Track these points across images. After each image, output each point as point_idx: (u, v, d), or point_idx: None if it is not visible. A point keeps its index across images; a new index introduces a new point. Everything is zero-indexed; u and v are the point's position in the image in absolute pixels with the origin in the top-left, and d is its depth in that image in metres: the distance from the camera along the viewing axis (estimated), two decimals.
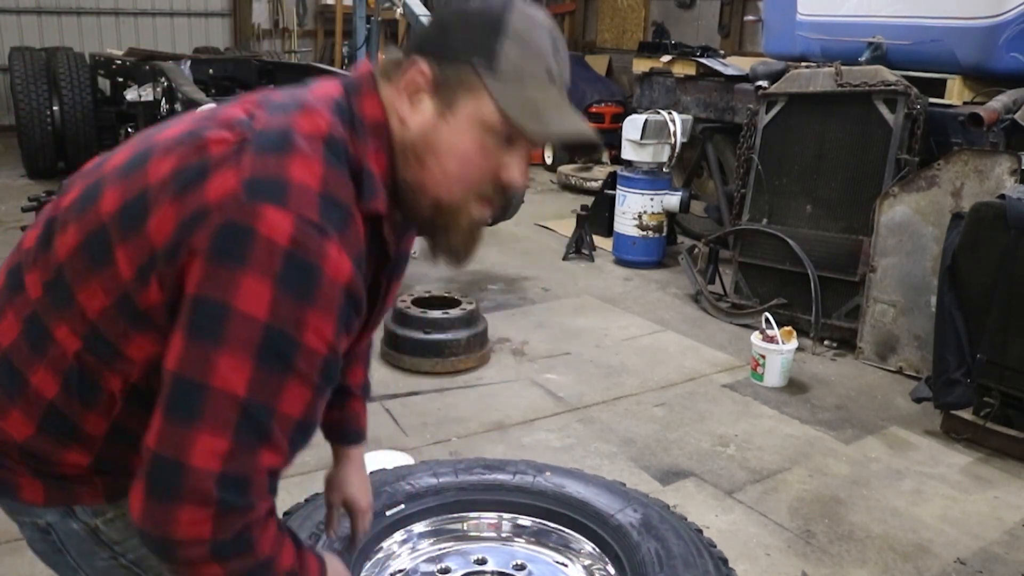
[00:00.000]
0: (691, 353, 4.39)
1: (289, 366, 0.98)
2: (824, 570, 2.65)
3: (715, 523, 2.85)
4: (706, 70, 6.04)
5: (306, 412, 1.02)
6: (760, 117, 4.89)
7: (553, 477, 2.17)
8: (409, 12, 6.15)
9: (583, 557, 2.04)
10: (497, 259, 5.96)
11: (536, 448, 3.30)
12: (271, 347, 0.97)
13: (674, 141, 5.69)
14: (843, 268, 4.48)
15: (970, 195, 3.84)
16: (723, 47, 8.64)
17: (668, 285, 5.52)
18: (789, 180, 4.79)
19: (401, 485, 2.10)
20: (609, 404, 3.75)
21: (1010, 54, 4.45)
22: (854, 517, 2.94)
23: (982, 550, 2.78)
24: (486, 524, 2.13)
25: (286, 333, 0.97)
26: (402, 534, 2.06)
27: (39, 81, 7.34)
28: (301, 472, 3.06)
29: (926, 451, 3.45)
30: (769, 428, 3.59)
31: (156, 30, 10.20)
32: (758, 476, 3.19)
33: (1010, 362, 3.33)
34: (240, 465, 0.98)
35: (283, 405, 0.99)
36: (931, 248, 4.02)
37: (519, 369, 4.09)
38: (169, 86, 5.03)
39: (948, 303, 3.50)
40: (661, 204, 5.76)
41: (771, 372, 3.98)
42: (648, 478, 3.12)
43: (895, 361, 4.21)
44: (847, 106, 4.53)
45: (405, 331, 3.99)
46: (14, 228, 5.85)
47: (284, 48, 10.49)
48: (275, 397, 0.99)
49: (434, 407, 3.65)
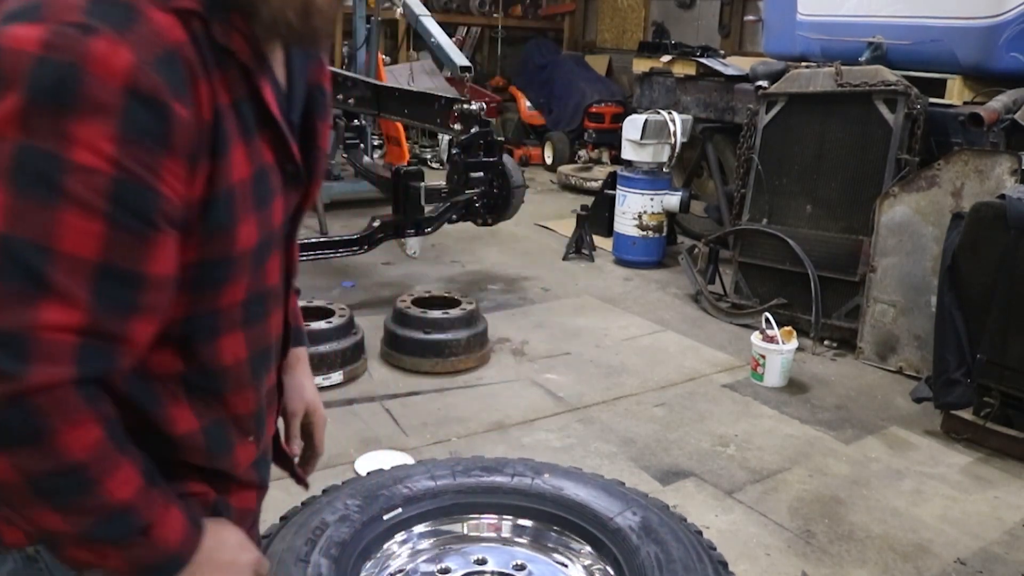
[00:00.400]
0: (691, 353, 4.39)
1: (56, 190, 0.80)
2: (824, 570, 2.65)
3: (715, 523, 2.85)
4: (706, 70, 6.03)
5: (106, 253, 0.82)
6: (760, 117, 4.89)
7: (552, 479, 2.16)
8: (409, 12, 6.16)
9: (583, 557, 2.04)
10: (497, 259, 5.96)
11: (536, 448, 3.30)
12: (27, 167, 0.80)
13: (674, 141, 5.69)
14: (843, 268, 4.48)
15: (970, 195, 3.84)
16: (723, 47, 8.64)
17: (668, 285, 5.52)
18: (789, 180, 4.78)
19: (399, 488, 2.10)
20: (609, 404, 3.75)
21: (1010, 54, 4.44)
22: (854, 517, 2.94)
23: (982, 550, 2.78)
24: (486, 525, 2.13)
25: (43, 148, 0.80)
26: (402, 535, 2.06)
27: None
28: None
29: (926, 451, 3.45)
30: (769, 428, 3.59)
31: None
32: (758, 476, 3.19)
33: (1010, 362, 3.32)
34: (6, 318, 0.80)
35: (62, 242, 0.81)
36: (931, 248, 4.02)
37: (519, 369, 4.09)
38: None
39: (948, 303, 3.50)
40: (661, 204, 5.76)
41: (771, 372, 3.98)
42: (648, 478, 3.12)
43: (895, 361, 4.21)
44: (847, 106, 4.53)
45: (405, 331, 3.99)
46: None
47: None
48: (46, 231, 0.80)
49: (434, 407, 3.65)
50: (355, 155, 6.68)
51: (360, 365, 3.90)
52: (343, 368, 3.78)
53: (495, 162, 4.62)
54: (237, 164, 0.94)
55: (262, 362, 1.11)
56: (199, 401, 1.03)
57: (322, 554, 1.83)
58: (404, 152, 7.32)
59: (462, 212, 5.11)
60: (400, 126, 7.29)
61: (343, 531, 1.92)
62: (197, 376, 1.02)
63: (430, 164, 8.99)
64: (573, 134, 9.50)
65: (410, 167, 4.88)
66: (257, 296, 1.05)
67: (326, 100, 1.15)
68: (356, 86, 5.32)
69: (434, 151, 9.28)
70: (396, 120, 6.17)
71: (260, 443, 1.16)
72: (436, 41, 5.63)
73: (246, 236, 0.97)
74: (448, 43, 5.57)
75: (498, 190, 5.12)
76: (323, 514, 1.98)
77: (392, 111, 5.16)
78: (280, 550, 1.85)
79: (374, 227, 4.81)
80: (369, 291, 5.14)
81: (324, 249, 4.75)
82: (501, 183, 5.09)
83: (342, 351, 3.77)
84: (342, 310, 3.96)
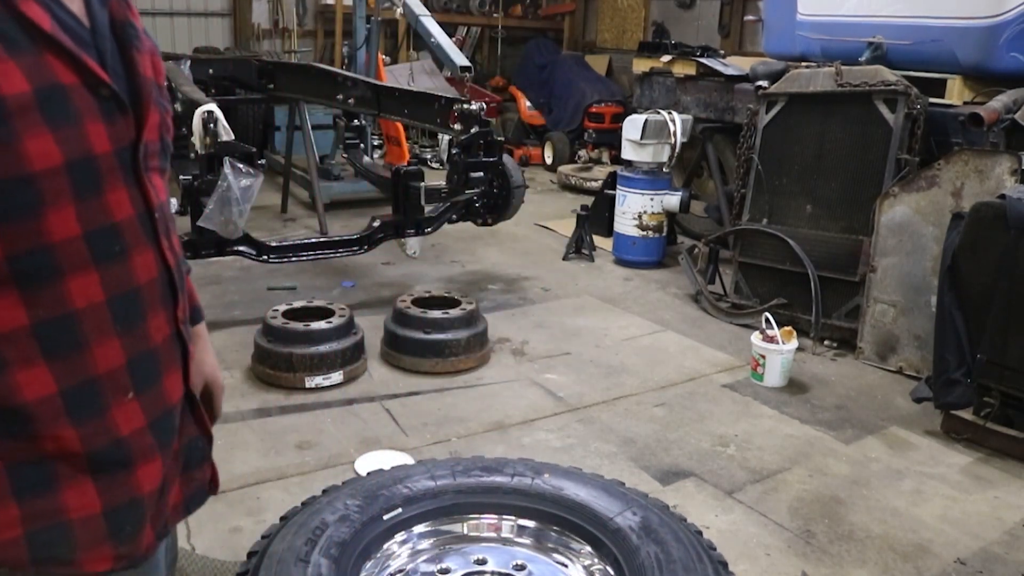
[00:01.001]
0: (691, 353, 4.39)
1: None
2: (824, 570, 2.65)
3: (715, 523, 2.85)
4: (706, 70, 6.04)
5: None
6: (760, 117, 4.89)
7: (552, 479, 2.16)
8: (409, 12, 6.16)
9: (583, 557, 2.04)
10: (497, 259, 5.96)
11: (536, 448, 3.30)
12: None
13: (674, 141, 5.69)
14: (843, 268, 4.48)
15: (970, 195, 3.84)
16: (723, 47, 8.64)
17: (668, 285, 5.52)
18: (789, 180, 4.78)
19: (399, 488, 2.10)
20: (609, 404, 3.75)
21: (1010, 54, 4.44)
22: (854, 517, 2.94)
23: (982, 550, 2.78)
24: (486, 525, 2.13)
25: None
26: (402, 535, 2.06)
27: None
28: (301, 472, 3.07)
29: (926, 451, 3.45)
30: (769, 428, 3.59)
31: (156, 30, 10.19)
32: (758, 476, 3.19)
33: (1010, 362, 3.32)
34: None
35: None
36: (931, 248, 4.02)
37: (519, 369, 4.09)
38: (169, 86, 5.02)
39: (948, 303, 3.50)
40: (661, 204, 5.76)
41: (771, 372, 3.98)
42: (648, 478, 3.12)
43: (895, 361, 4.21)
44: (847, 106, 4.53)
45: (405, 331, 3.99)
46: None
47: (284, 48, 10.47)
48: None
49: (434, 407, 3.65)
50: (355, 155, 6.68)
51: (360, 365, 3.90)
52: (343, 368, 3.78)
53: (495, 162, 4.62)
54: (4, 78, 0.92)
55: (129, 307, 1.06)
56: (57, 360, 0.99)
57: (322, 554, 1.83)
58: (404, 152, 7.33)
59: (462, 212, 5.11)
60: (400, 126, 7.29)
61: (343, 531, 1.92)
62: (48, 328, 0.98)
63: (430, 164, 8.99)
64: (573, 134, 9.50)
65: (410, 167, 4.88)
66: (103, 231, 1.01)
67: (138, 33, 1.13)
68: (356, 86, 5.32)
69: (434, 151, 9.28)
70: (396, 120, 6.18)
71: (149, 401, 1.10)
72: (436, 41, 5.63)
73: (40, 153, 0.95)
74: (448, 43, 5.57)
75: (498, 190, 5.12)
76: (323, 514, 1.98)
77: (392, 111, 5.16)
78: (280, 550, 1.85)
79: (374, 227, 4.81)
80: (369, 291, 5.14)
81: (324, 249, 4.75)
82: (501, 183, 5.09)
83: (342, 351, 3.78)
84: (342, 310, 3.96)
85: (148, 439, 1.10)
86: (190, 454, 1.23)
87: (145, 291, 1.08)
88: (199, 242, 4.17)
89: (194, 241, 4.16)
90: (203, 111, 4.08)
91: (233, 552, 2.55)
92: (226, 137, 4.04)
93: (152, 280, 1.09)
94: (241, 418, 3.47)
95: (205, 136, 4.05)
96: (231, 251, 4.35)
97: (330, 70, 5.87)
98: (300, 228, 6.53)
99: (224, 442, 3.26)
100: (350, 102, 5.35)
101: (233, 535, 2.67)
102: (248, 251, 4.41)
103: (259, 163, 4.04)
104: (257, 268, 5.05)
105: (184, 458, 1.22)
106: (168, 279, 1.13)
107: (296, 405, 3.60)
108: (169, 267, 1.13)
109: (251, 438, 3.30)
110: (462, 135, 4.47)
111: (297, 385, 3.70)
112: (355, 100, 5.31)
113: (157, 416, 1.11)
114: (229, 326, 4.43)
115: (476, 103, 4.52)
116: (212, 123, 4.04)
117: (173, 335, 1.15)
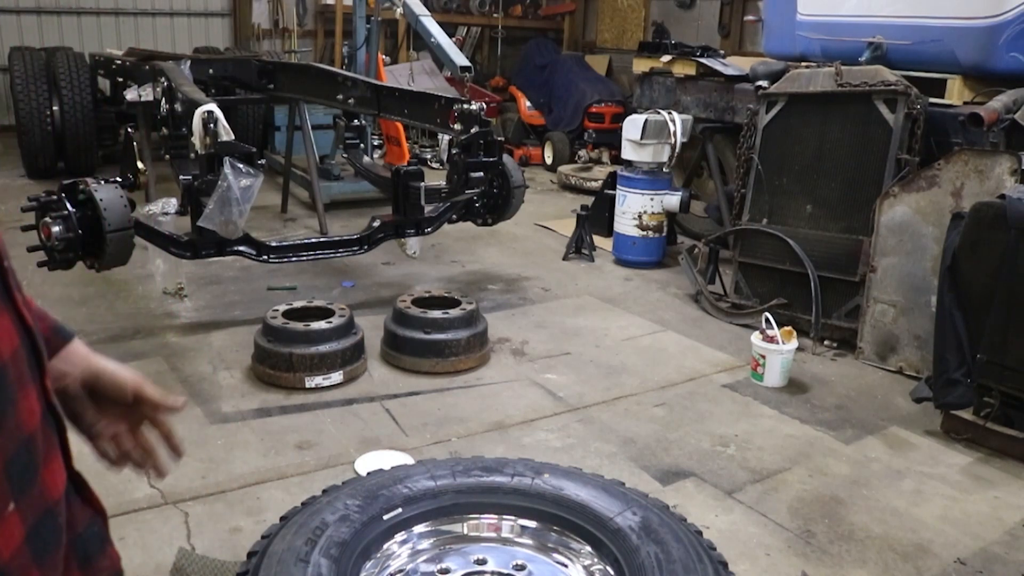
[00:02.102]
0: (691, 353, 4.39)
1: None
2: (824, 570, 2.65)
3: (715, 523, 2.85)
4: (706, 70, 6.03)
5: None
6: (760, 117, 4.89)
7: (552, 479, 2.16)
8: (409, 12, 6.16)
9: (583, 557, 2.04)
10: (497, 259, 5.96)
11: (536, 448, 3.30)
12: None
13: (674, 141, 5.69)
14: (843, 268, 4.48)
15: (970, 195, 3.84)
16: (723, 47, 8.64)
17: (668, 285, 5.52)
18: (789, 180, 4.78)
19: (399, 488, 2.10)
20: (609, 404, 3.75)
21: (1010, 54, 4.44)
22: (854, 517, 2.94)
23: (982, 550, 2.78)
24: (486, 525, 2.13)
25: None
26: (402, 535, 2.06)
27: (39, 81, 7.34)
28: (301, 472, 3.07)
29: (926, 451, 3.45)
30: (769, 428, 3.59)
31: (156, 30, 10.20)
32: (758, 476, 3.19)
33: (1010, 362, 3.32)
34: None
35: None
36: (931, 248, 4.02)
37: (519, 369, 4.09)
38: (169, 86, 5.02)
39: (948, 303, 3.50)
40: (661, 204, 5.76)
41: (771, 372, 3.98)
42: (648, 478, 3.12)
43: (895, 361, 4.21)
44: (847, 106, 4.53)
45: (405, 331, 3.98)
46: (14, 228, 5.84)
47: (284, 48, 10.48)
48: None
49: (434, 407, 3.65)
50: (355, 155, 6.68)
51: (360, 365, 3.90)
52: (343, 368, 3.78)
53: (495, 162, 4.62)
54: None
55: None
56: None
57: (322, 554, 1.83)
58: (404, 152, 7.33)
59: (462, 212, 5.11)
60: (400, 126, 7.30)
61: (343, 531, 1.92)
62: None
63: (430, 164, 8.99)
64: (573, 134, 9.50)
65: (410, 167, 4.88)
66: None
67: None
68: (356, 86, 5.32)
69: (434, 151, 9.28)
70: (396, 120, 6.17)
71: (28, 505, 0.87)
72: (436, 41, 5.63)
73: None
74: (448, 43, 5.57)
75: (498, 190, 5.12)
76: (323, 514, 1.98)
77: (392, 111, 5.16)
78: (280, 550, 1.85)
79: (374, 227, 4.81)
80: (369, 291, 5.14)
81: (324, 249, 4.75)
82: (501, 183, 5.09)
83: (342, 351, 3.78)
84: (342, 310, 3.96)
85: (26, 558, 0.87)
86: (88, 544, 1.04)
87: (10, 367, 0.86)
88: (199, 242, 4.17)
89: (194, 241, 4.17)
90: (203, 111, 4.08)
91: (233, 552, 2.55)
92: (226, 137, 4.04)
93: (15, 350, 0.87)
94: (241, 418, 3.47)
95: (205, 136, 4.05)
96: (231, 251, 4.35)
97: (330, 70, 5.87)
98: (300, 228, 6.53)
99: (224, 442, 3.26)
100: (350, 102, 5.35)
101: (233, 535, 2.67)
102: (248, 251, 4.41)
103: (259, 163, 4.04)
104: (257, 268, 5.05)
105: (82, 551, 1.02)
106: (31, 344, 0.92)
107: (296, 405, 3.60)
108: (29, 328, 0.92)
109: (251, 438, 3.30)
110: (462, 135, 4.47)
111: (297, 385, 3.70)
112: (355, 100, 5.31)
113: (38, 519, 0.89)
114: (229, 326, 4.43)
115: (476, 103, 4.52)
116: (212, 123, 4.04)
117: (45, 411, 0.93)
